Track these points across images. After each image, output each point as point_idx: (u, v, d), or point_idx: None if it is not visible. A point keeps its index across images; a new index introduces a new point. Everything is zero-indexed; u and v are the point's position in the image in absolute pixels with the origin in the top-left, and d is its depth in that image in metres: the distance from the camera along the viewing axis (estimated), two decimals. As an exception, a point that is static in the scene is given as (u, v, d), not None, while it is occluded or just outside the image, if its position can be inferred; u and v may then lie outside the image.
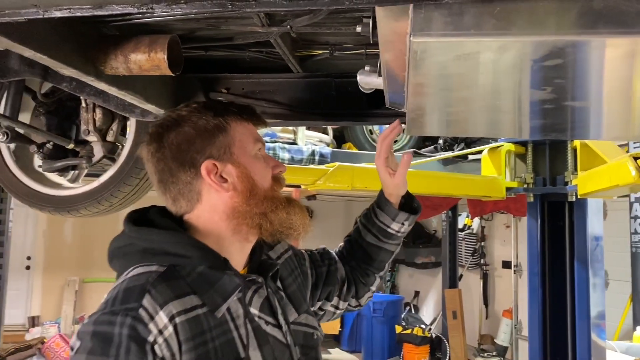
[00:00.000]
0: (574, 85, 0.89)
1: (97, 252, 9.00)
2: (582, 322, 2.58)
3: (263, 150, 1.15)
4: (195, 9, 0.77)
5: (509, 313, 7.12)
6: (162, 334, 0.89)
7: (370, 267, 1.41)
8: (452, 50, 0.78)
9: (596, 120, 1.20)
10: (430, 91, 1.00)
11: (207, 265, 1.01)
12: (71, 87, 1.54)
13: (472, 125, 1.33)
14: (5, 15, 0.81)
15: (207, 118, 1.07)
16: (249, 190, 1.06)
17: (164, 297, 0.92)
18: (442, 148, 4.70)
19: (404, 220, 1.36)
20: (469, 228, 8.18)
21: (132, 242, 1.04)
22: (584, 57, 0.76)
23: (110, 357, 0.85)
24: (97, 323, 0.89)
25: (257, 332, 1.02)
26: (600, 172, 2.22)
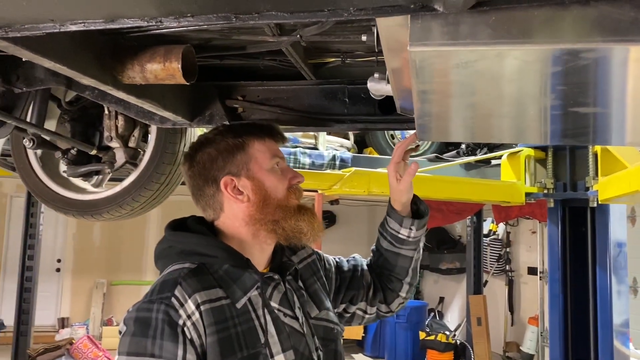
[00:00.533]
0: (575, 91, 0.90)
1: (124, 255, 9.19)
2: (605, 330, 2.54)
3: (282, 163, 1.31)
4: (202, 22, 0.81)
5: (535, 320, 7.01)
6: (190, 319, 1.06)
7: (392, 273, 1.47)
8: (450, 58, 0.79)
9: (615, 126, 1.20)
10: (434, 98, 1.02)
11: (230, 264, 1.18)
12: (93, 95, 1.60)
13: (479, 130, 1.34)
14: (25, 29, 0.86)
15: (228, 139, 1.26)
16: (262, 200, 1.23)
17: (192, 288, 1.09)
18: (464, 153, 4.67)
19: (410, 226, 1.41)
20: (494, 233, 8.09)
21: (171, 245, 1.23)
22: (580, 64, 0.77)
23: (149, 337, 1.03)
24: (139, 310, 1.07)
25: (276, 322, 1.16)
26: (620, 178, 2.19)
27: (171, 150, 1.99)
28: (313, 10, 0.77)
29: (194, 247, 1.20)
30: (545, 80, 0.85)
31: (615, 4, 0.71)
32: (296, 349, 1.16)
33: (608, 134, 1.30)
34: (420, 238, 1.46)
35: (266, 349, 1.11)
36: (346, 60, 1.45)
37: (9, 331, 5.83)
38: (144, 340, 1.03)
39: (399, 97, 1.28)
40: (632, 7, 0.71)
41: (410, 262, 1.46)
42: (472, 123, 1.28)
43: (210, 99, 1.64)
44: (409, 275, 1.48)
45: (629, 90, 0.87)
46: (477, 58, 0.79)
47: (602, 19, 0.71)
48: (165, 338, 1.03)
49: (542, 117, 1.15)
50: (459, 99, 1.05)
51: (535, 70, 0.82)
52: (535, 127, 1.17)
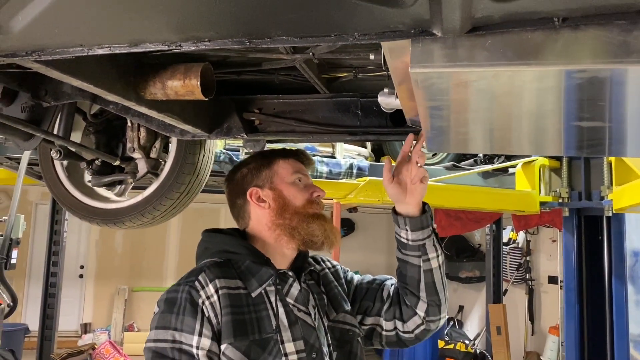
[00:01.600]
0: (571, 107, 0.94)
1: (146, 262, 9.33)
2: (620, 340, 2.54)
3: (305, 179, 1.44)
4: (218, 46, 0.87)
5: (556, 330, 6.94)
6: (209, 299, 1.22)
7: (406, 284, 1.42)
8: (450, 79, 0.85)
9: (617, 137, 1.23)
10: (439, 114, 1.06)
11: (251, 260, 1.33)
12: (117, 109, 1.68)
13: (483, 143, 1.38)
14: (56, 53, 0.93)
15: (257, 160, 1.46)
16: (281, 207, 1.37)
17: (214, 275, 1.25)
18: (481, 161, 4.67)
19: (405, 226, 1.38)
20: (514, 242, 8.04)
21: (207, 246, 1.41)
22: (572, 83, 0.82)
23: (173, 313, 1.20)
24: (169, 292, 1.25)
25: (289, 314, 1.28)
26: (634, 187, 2.20)
27: (191, 160, 2.06)
28: (321, 35, 0.82)
29: (222, 246, 1.37)
30: (541, 97, 0.89)
31: (604, 28, 0.75)
32: (306, 340, 1.26)
33: (620, 145, 1.32)
34: (425, 243, 1.38)
35: (277, 335, 1.23)
36: (358, 75, 1.50)
37: (34, 336, 5.97)
38: (170, 316, 1.19)
39: (408, 111, 1.33)
40: (621, 30, 0.75)
41: (419, 272, 1.39)
42: (477, 136, 1.32)
43: (228, 112, 1.71)
44: (422, 290, 1.39)
45: (623, 106, 0.91)
46: (476, 78, 0.84)
47: (591, 42, 0.75)
48: (186, 314, 1.19)
49: (543, 131, 1.19)
50: (462, 115, 1.09)
51: (531, 89, 0.86)
52: (535, 140, 1.21)
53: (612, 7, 0.72)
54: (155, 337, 1.19)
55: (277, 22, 0.82)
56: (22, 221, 4.10)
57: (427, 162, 4.70)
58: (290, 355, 1.22)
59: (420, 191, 1.38)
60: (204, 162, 2.13)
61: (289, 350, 1.23)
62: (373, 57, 1.16)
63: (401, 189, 1.40)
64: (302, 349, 1.24)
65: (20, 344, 6.03)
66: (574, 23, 0.75)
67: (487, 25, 0.76)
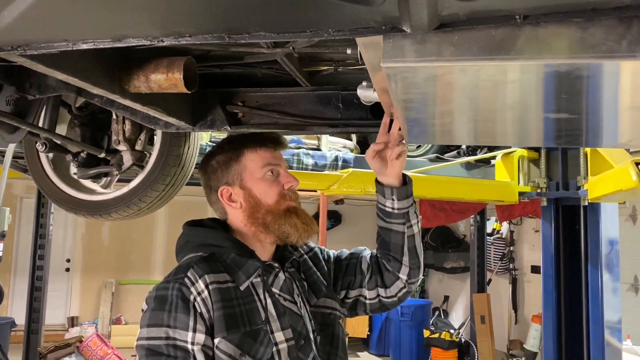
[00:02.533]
0: (535, 99, 0.99)
1: (133, 255, 9.33)
2: (596, 326, 2.62)
3: (277, 169, 1.43)
4: (199, 41, 0.91)
5: (539, 318, 7.04)
6: (200, 295, 1.23)
7: (389, 251, 1.51)
8: (419, 73, 0.89)
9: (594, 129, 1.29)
10: (413, 106, 1.11)
11: (236, 253, 1.34)
12: (102, 102, 1.70)
13: (460, 134, 1.43)
14: (41, 47, 0.96)
15: (226, 152, 1.43)
16: (252, 207, 1.39)
17: (203, 270, 1.26)
18: (465, 153, 4.74)
19: (392, 196, 1.47)
20: (497, 232, 8.15)
21: (188, 239, 1.41)
22: (532, 77, 0.87)
23: (165, 311, 1.20)
24: (158, 289, 1.25)
25: (276, 304, 1.32)
26: (606, 177, 2.27)
27: (175, 153, 2.09)
28: (297, 31, 0.86)
29: (205, 239, 1.38)
30: (507, 91, 0.94)
31: (562, 25, 0.80)
32: (294, 328, 1.31)
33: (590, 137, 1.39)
34: (408, 210, 1.48)
35: (267, 326, 1.27)
36: (338, 69, 1.54)
37: (20, 330, 5.95)
38: (161, 313, 1.20)
39: (385, 104, 1.37)
40: (578, 27, 0.80)
41: (403, 238, 1.49)
42: (453, 128, 1.37)
43: (211, 105, 1.74)
44: (405, 254, 1.49)
45: (584, 99, 0.96)
46: (444, 72, 0.88)
47: (551, 39, 0.80)
48: (179, 311, 1.20)
49: (518, 123, 1.25)
50: (435, 107, 1.14)
51: (497, 83, 0.91)
52: (509, 132, 1.26)
53: (569, 6, 0.77)
54: (148, 334, 1.20)
55: (254, 18, 0.85)
56: (8, 214, 4.10)
57: (412, 154, 4.76)
58: (280, 344, 1.26)
59: (400, 164, 1.48)
60: (189, 154, 2.16)
61: (278, 340, 1.27)
62: (350, 51, 1.21)
63: (382, 163, 1.49)
64: (290, 337, 1.29)
65: (6, 338, 6.02)
66: (534, 20, 0.80)
67: (453, 23, 0.81)
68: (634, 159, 2.01)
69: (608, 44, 0.78)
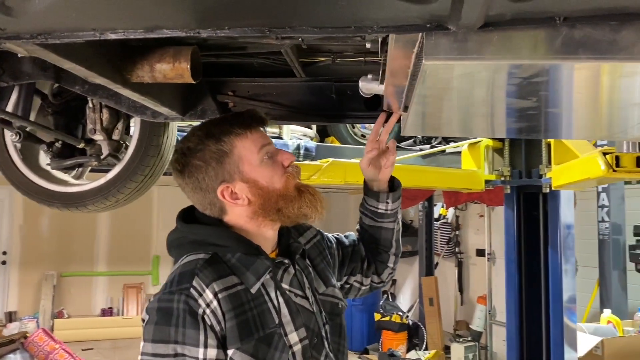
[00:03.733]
0: (552, 96, 1.04)
1: (75, 245, 8.99)
2: (556, 305, 2.77)
3: (269, 147, 1.30)
4: (237, 34, 0.89)
5: (483, 299, 7.37)
6: (209, 307, 1.12)
7: (379, 245, 1.60)
8: (456, 70, 0.91)
9: (568, 123, 1.37)
10: (429, 101, 1.14)
11: (242, 252, 1.23)
12: (84, 90, 1.64)
13: (457, 127, 1.48)
14: (65, 37, 0.91)
15: (211, 147, 1.25)
16: (262, 198, 1.27)
17: (209, 278, 1.15)
18: (420, 142, 4.86)
19: (386, 200, 1.55)
20: (444, 218, 8.41)
21: (183, 235, 1.28)
22: (561, 76, 0.91)
23: (172, 326, 1.10)
24: (160, 301, 1.14)
25: (288, 303, 1.24)
26: (572, 166, 2.40)
27: (156, 142, 2.04)
28: (341, 27, 0.86)
29: (207, 238, 1.25)
30: (535, 88, 0.98)
31: (597, 27, 0.84)
32: (307, 326, 1.24)
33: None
34: (398, 209, 1.59)
35: (280, 329, 1.18)
36: (336, 60, 1.55)
37: (-43, 326, 5.64)
38: (168, 329, 1.10)
39: (389, 96, 1.39)
40: (610, 30, 0.84)
41: (392, 233, 1.59)
42: (455, 121, 1.41)
43: (202, 94, 1.71)
44: (393, 246, 1.60)
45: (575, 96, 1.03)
46: (481, 70, 0.91)
47: (585, 40, 0.84)
48: (187, 326, 1.10)
49: (515, 117, 1.30)
50: (450, 102, 1.17)
51: (528, 82, 0.95)
52: (506, 125, 1.32)
53: (605, 10, 0.81)
54: (154, 351, 1.10)
55: (300, 13, 0.85)
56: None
57: (370, 142, 4.82)
58: (295, 345, 1.19)
59: (391, 170, 1.56)
60: (168, 144, 2.11)
61: (293, 342, 1.19)
62: (370, 45, 1.21)
63: (375, 170, 1.55)
64: (304, 337, 1.22)
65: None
66: (571, 22, 0.84)
67: (497, 22, 0.83)
68: (602, 149, 2.15)
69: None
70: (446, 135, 3.01)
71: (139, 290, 9.37)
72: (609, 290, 5.21)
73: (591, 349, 3.83)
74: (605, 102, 1.11)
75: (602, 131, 1.41)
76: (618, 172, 2.01)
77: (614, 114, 1.27)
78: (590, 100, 1.09)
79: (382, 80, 1.36)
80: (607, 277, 5.24)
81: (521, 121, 1.27)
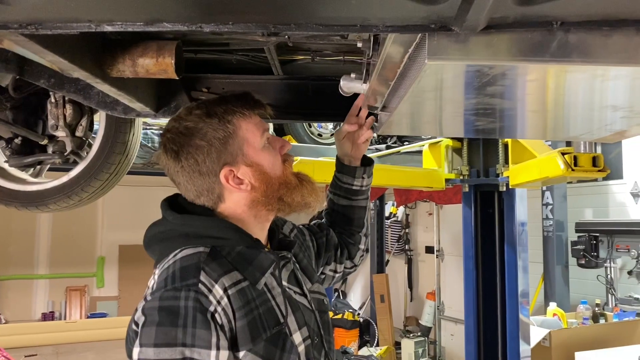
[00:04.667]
0: (533, 98, 1.08)
1: (13, 247, 8.57)
2: (512, 300, 2.88)
3: (269, 133, 1.25)
4: (240, 29, 0.88)
5: (432, 295, 7.55)
6: (220, 304, 1.01)
7: (352, 226, 1.60)
8: (455, 71, 0.94)
9: (542, 124, 1.43)
10: (416, 100, 1.16)
11: (244, 246, 1.14)
12: (50, 84, 1.57)
13: (428, 126, 1.52)
14: (57, 27, 0.87)
15: (214, 126, 1.15)
16: (264, 184, 1.19)
17: (216, 272, 1.04)
18: (376, 141, 4.93)
19: (362, 175, 1.57)
20: (394, 216, 8.55)
21: (172, 227, 1.15)
22: (550, 79, 0.95)
23: (179, 326, 0.97)
24: (162, 299, 1.00)
25: (290, 301, 1.16)
26: (531, 165, 2.50)
27: (122, 140, 1.97)
28: (347, 25, 0.87)
29: (203, 230, 1.14)
30: (531, 89, 1.02)
31: (589, 32, 0.89)
32: (308, 324, 1.17)
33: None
34: (370, 186, 1.61)
35: (285, 328, 1.10)
36: (315, 59, 1.55)
37: None
38: (174, 330, 0.97)
39: (372, 96, 1.41)
40: (602, 35, 0.89)
41: (365, 211, 1.61)
42: (429, 120, 1.45)
43: (176, 91, 1.67)
44: (365, 225, 1.61)
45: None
46: (477, 71, 0.94)
47: (579, 43, 0.88)
48: (198, 326, 0.98)
49: (496, 117, 1.35)
50: (434, 102, 1.20)
51: (524, 82, 0.98)
52: (484, 125, 1.36)
53: (600, 15, 0.85)
54: (158, 356, 0.96)
55: (308, 10, 0.84)
56: None
57: (327, 141, 4.85)
58: (299, 345, 1.12)
59: (365, 147, 1.60)
60: (134, 141, 2.05)
61: (297, 341, 1.12)
62: (361, 45, 1.22)
63: (350, 144, 1.57)
64: (307, 336, 1.15)
65: None
66: (567, 27, 0.88)
67: (498, 25, 0.86)
68: (561, 149, 2.25)
69: (629, 52, 0.88)
70: (424, 135, 3.07)
71: (83, 293, 9.04)
72: (552, 285, 5.46)
73: (539, 340, 4.00)
74: (582, 104, 1.16)
75: (573, 131, 1.48)
76: (576, 171, 2.12)
77: (586, 116, 1.33)
78: (571, 102, 1.14)
79: (366, 80, 1.38)
80: (551, 272, 5.49)
81: (502, 121, 1.32)
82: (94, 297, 9.17)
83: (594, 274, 5.33)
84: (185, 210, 1.19)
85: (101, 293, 9.26)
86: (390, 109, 1.40)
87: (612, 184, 6.14)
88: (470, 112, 1.24)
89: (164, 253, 1.13)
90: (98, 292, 9.20)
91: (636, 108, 1.16)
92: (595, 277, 5.32)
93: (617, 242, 4.88)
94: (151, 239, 1.18)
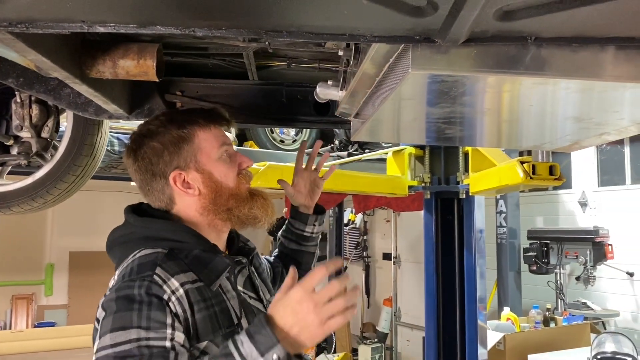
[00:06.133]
0: (505, 107, 1.15)
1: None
2: (471, 305, 2.97)
3: (230, 149, 1.31)
4: (232, 34, 0.90)
5: (389, 301, 7.64)
6: (174, 294, 1.06)
7: (300, 270, 1.57)
8: (437, 80, 0.99)
9: (510, 133, 1.50)
10: (394, 107, 1.20)
11: (201, 249, 1.20)
12: (18, 83, 1.55)
13: (403, 133, 1.57)
14: (48, 27, 0.87)
15: (171, 131, 1.24)
16: (214, 192, 1.25)
17: (173, 270, 1.10)
18: (337, 148, 4.98)
19: (314, 222, 1.66)
20: (352, 223, 8.64)
21: (133, 230, 1.21)
22: (520, 90, 1.01)
23: (134, 310, 1.00)
24: (118, 290, 1.05)
25: (244, 304, 1.22)
26: (490, 173, 2.59)
27: (89, 141, 1.95)
28: (336, 34, 0.90)
29: (162, 233, 1.19)
30: (507, 99, 1.08)
31: (560, 47, 0.95)
32: None
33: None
34: (320, 234, 1.70)
35: (239, 329, 1.14)
36: (291, 65, 1.58)
37: None
38: (129, 314, 1.00)
39: (346, 103, 1.45)
40: (570, 51, 0.95)
41: (313, 257, 1.69)
42: (402, 127, 1.50)
43: (149, 93, 1.67)
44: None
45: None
46: (456, 80, 0.99)
47: (551, 58, 0.95)
48: (153, 308, 1.01)
49: (466, 125, 1.41)
50: (411, 109, 1.25)
51: (499, 92, 1.04)
52: (454, 132, 1.42)
53: (572, 33, 0.92)
54: (113, 340, 0.98)
55: (300, 17, 0.87)
56: None
57: (289, 148, 4.88)
58: None
59: (319, 193, 1.68)
60: (101, 143, 2.03)
61: None
62: (342, 53, 1.25)
63: (302, 196, 1.64)
64: None
65: None
66: (539, 42, 0.94)
67: (478, 38, 0.92)
68: (520, 158, 2.35)
69: (594, 67, 0.95)
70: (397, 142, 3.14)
71: (30, 301, 8.71)
72: (506, 290, 5.64)
73: (494, 344, 4.14)
74: (550, 115, 1.24)
75: (539, 140, 1.56)
76: (534, 179, 2.22)
77: (551, 125, 1.41)
78: (539, 112, 1.22)
79: (343, 87, 1.42)
80: (504, 278, 5.67)
81: (472, 129, 1.38)
82: (41, 306, 8.86)
83: (545, 279, 5.54)
84: (147, 214, 1.25)
85: (49, 301, 8.95)
86: (364, 116, 1.45)
87: (562, 194, 6.41)
88: (442, 120, 1.29)
89: (124, 255, 1.17)
90: (46, 301, 8.89)
91: (596, 120, 1.25)
92: (546, 282, 5.54)
93: (567, 249, 5.10)
94: (113, 242, 1.23)
